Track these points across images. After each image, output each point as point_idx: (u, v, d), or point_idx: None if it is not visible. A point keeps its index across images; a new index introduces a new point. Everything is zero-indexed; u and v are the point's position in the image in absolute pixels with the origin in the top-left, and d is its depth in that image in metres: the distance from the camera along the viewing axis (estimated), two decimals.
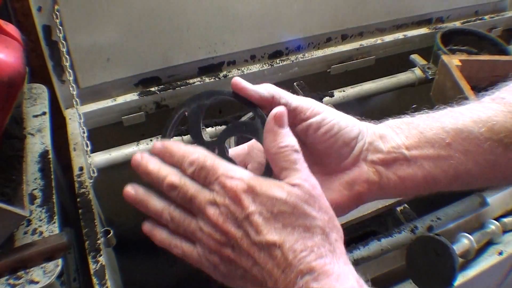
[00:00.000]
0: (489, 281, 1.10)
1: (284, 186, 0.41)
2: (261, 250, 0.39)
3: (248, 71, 1.35)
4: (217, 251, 0.43)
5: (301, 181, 0.41)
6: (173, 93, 1.27)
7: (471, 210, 1.00)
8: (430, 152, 0.43)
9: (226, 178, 0.42)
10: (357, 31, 1.49)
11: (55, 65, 1.12)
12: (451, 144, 0.43)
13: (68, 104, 1.18)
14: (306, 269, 0.38)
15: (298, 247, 0.38)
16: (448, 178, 0.44)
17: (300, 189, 0.40)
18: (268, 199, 0.39)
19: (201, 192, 0.43)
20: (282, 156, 0.42)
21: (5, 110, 0.77)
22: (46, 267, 0.71)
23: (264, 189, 0.40)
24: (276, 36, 1.35)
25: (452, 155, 0.43)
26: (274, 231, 0.39)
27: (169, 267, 1.53)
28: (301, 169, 0.42)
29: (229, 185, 0.41)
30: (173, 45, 1.22)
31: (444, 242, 0.83)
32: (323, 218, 0.40)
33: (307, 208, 0.40)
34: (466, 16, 1.66)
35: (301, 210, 0.39)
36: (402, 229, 0.94)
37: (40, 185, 0.86)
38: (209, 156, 0.44)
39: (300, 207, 0.39)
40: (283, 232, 0.38)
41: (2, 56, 0.71)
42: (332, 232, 0.41)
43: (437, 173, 0.44)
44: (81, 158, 1.03)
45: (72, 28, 1.06)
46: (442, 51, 1.35)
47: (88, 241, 0.84)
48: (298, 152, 0.42)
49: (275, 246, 0.38)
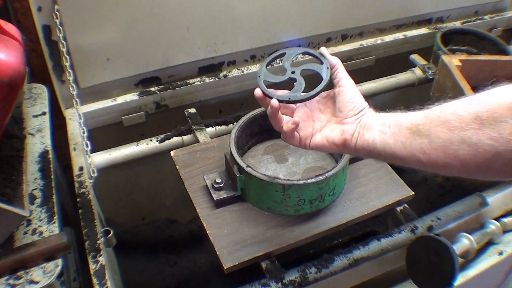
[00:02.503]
0: (489, 281, 1.10)
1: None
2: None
3: (248, 71, 1.35)
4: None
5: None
6: (173, 93, 1.28)
7: (471, 210, 1.00)
8: (382, 128, 0.67)
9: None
10: (357, 31, 1.49)
11: (55, 65, 1.12)
12: (390, 127, 0.66)
13: (68, 104, 1.18)
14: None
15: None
16: (382, 148, 0.66)
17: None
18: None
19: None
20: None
21: (5, 110, 0.77)
22: (46, 267, 0.71)
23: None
24: (276, 36, 1.35)
25: (388, 133, 0.66)
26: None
27: (169, 267, 1.53)
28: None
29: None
30: (173, 45, 1.22)
31: (444, 242, 0.83)
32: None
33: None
34: (466, 16, 1.66)
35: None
36: (402, 229, 0.94)
37: (40, 185, 0.86)
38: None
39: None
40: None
41: (2, 56, 0.71)
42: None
43: (379, 141, 0.67)
44: (81, 158, 1.03)
45: (72, 28, 1.06)
46: (442, 51, 1.35)
47: (88, 241, 0.84)
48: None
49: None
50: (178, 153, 1.06)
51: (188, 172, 1.01)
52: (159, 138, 1.14)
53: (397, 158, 0.65)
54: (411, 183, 1.03)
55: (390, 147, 0.65)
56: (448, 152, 0.58)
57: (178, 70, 1.29)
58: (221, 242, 0.87)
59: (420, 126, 0.62)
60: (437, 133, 0.59)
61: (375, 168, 1.04)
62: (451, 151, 0.58)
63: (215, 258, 0.86)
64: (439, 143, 0.59)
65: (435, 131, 0.59)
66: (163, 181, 1.46)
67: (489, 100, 0.56)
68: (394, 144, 0.64)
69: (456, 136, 0.57)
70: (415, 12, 1.54)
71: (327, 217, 0.93)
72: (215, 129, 1.18)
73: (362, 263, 0.88)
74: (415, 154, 0.62)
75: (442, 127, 0.59)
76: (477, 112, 0.56)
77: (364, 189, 0.99)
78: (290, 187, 0.88)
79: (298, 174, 1.02)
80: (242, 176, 0.91)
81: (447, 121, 0.58)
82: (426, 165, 0.62)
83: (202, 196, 0.96)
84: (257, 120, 1.05)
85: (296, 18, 1.33)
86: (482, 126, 0.55)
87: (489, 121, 0.54)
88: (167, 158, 1.07)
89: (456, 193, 1.66)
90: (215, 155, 1.05)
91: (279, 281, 0.83)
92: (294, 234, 0.90)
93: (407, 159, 0.64)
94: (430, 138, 0.60)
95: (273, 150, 1.08)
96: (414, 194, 0.99)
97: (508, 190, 1.05)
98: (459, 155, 0.57)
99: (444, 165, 0.60)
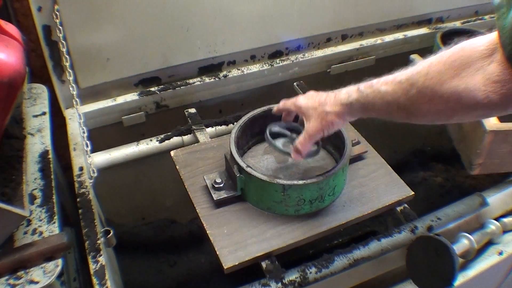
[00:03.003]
0: (489, 281, 1.10)
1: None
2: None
3: (248, 71, 1.35)
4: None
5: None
6: (173, 93, 1.28)
7: (471, 210, 1.00)
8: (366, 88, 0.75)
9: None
10: (357, 31, 1.49)
11: (55, 65, 1.12)
12: (372, 85, 0.73)
13: (68, 104, 1.18)
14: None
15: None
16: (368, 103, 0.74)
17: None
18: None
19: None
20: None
21: (5, 110, 0.77)
22: (46, 267, 0.71)
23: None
24: (276, 36, 1.35)
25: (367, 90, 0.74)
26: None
27: (169, 267, 1.53)
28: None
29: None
30: (173, 45, 1.22)
31: (444, 242, 0.83)
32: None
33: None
34: (466, 16, 1.66)
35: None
36: (402, 229, 0.94)
37: (40, 185, 0.86)
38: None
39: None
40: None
41: (2, 56, 0.71)
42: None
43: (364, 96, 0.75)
44: (81, 158, 1.03)
45: (72, 28, 1.06)
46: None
47: (88, 241, 0.84)
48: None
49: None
50: (178, 153, 1.06)
51: (188, 172, 1.01)
52: (159, 138, 1.14)
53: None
54: (411, 183, 1.03)
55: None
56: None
57: (178, 70, 1.29)
58: (221, 242, 0.87)
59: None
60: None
61: (375, 168, 1.04)
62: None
63: (215, 258, 0.86)
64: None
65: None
66: (163, 181, 1.46)
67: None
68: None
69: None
70: (415, 12, 1.54)
71: (327, 217, 0.93)
72: (215, 129, 1.18)
73: (362, 263, 0.88)
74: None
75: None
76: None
77: (364, 189, 0.99)
78: (290, 187, 0.88)
79: (298, 174, 1.02)
80: (242, 176, 0.91)
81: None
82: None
83: (202, 196, 0.96)
84: (257, 120, 1.05)
85: (296, 18, 1.33)
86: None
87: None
88: (167, 158, 1.07)
89: (456, 193, 1.67)
90: (215, 155, 1.05)
91: (279, 281, 0.83)
92: (294, 234, 0.90)
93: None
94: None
95: (273, 150, 1.08)
96: (414, 194, 0.99)
97: (508, 190, 1.05)
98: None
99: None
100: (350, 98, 0.76)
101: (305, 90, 1.28)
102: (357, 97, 0.75)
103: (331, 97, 0.81)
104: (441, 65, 0.61)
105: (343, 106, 0.78)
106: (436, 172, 1.80)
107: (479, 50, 0.58)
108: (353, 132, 1.12)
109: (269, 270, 0.85)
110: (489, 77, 0.56)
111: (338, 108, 0.79)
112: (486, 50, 0.57)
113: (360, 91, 0.75)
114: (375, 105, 0.72)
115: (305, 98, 0.86)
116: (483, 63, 0.57)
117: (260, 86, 1.40)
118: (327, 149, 1.09)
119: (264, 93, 1.42)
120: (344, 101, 0.77)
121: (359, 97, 0.75)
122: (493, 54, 0.56)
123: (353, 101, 0.76)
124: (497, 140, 1.05)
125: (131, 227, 1.57)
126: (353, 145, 1.04)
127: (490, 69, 0.56)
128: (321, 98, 0.82)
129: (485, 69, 0.57)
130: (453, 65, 0.60)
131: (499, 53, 0.55)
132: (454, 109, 0.62)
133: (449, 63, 0.60)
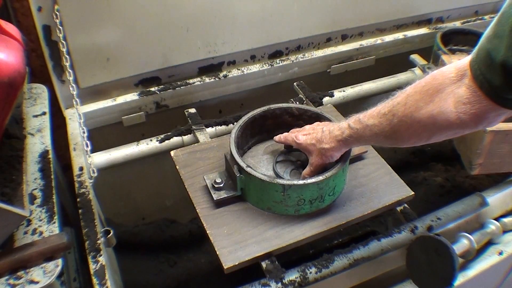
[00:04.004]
0: (489, 281, 1.10)
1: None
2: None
3: (248, 71, 1.35)
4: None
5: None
6: (173, 93, 1.28)
7: (471, 210, 1.00)
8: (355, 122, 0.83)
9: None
10: (357, 31, 1.49)
11: (55, 65, 1.12)
12: (360, 120, 0.81)
13: (68, 104, 1.18)
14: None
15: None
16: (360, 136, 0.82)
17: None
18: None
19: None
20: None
21: (5, 110, 0.77)
22: (46, 267, 0.71)
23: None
24: (276, 36, 1.35)
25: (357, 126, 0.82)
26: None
27: (169, 267, 1.53)
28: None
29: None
30: (173, 45, 1.22)
31: (444, 242, 0.83)
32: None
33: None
34: (466, 16, 1.66)
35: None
36: (402, 229, 0.94)
37: (40, 185, 0.86)
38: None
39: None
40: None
41: (2, 56, 0.71)
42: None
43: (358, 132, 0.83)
44: (81, 158, 1.03)
45: (72, 28, 1.06)
46: (442, 51, 1.35)
47: (88, 241, 0.84)
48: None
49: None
50: (178, 153, 1.06)
51: (188, 172, 1.01)
52: (159, 138, 1.14)
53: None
54: (411, 183, 1.03)
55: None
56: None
57: (178, 70, 1.29)
58: (221, 242, 0.87)
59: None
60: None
61: (375, 168, 1.04)
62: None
63: (215, 258, 0.86)
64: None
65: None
66: (163, 181, 1.46)
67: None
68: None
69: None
70: (415, 12, 1.54)
71: (327, 217, 0.93)
72: (215, 129, 1.18)
73: (362, 263, 0.88)
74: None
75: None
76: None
77: (364, 189, 0.99)
78: (290, 187, 0.88)
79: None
80: (242, 176, 0.91)
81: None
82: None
83: (202, 196, 0.96)
84: (257, 120, 1.05)
85: (296, 18, 1.33)
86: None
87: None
88: (167, 158, 1.07)
89: (456, 193, 1.66)
90: (215, 155, 1.05)
91: (279, 281, 0.83)
92: (294, 234, 0.90)
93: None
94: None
95: (273, 150, 1.08)
96: (414, 194, 0.99)
97: (508, 190, 1.05)
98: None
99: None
100: (344, 135, 0.85)
101: (305, 90, 1.28)
102: (349, 133, 0.84)
103: (326, 135, 0.89)
104: (417, 94, 0.69)
105: (339, 142, 0.87)
106: (436, 172, 1.80)
107: (449, 77, 0.65)
108: None
109: (269, 270, 0.85)
110: (459, 100, 0.62)
111: (334, 144, 0.88)
112: (455, 76, 0.64)
113: (351, 128, 0.83)
114: (365, 137, 0.81)
115: (303, 135, 0.95)
116: (453, 87, 0.64)
117: (260, 86, 1.41)
118: None
119: (264, 93, 1.42)
120: (339, 138, 0.86)
121: (351, 133, 0.83)
122: (462, 79, 0.63)
123: (346, 137, 0.85)
124: (497, 140, 1.05)
125: (131, 227, 1.57)
126: None
127: (460, 93, 0.62)
128: (318, 135, 0.91)
129: (455, 93, 0.63)
130: (427, 93, 0.67)
131: (467, 78, 0.62)
132: (432, 131, 0.68)
133: (424, 91, 0.68)
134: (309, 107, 1.12)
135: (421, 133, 0.70)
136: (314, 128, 0.96)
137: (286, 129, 1.10)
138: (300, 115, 1.07)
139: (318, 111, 1.06)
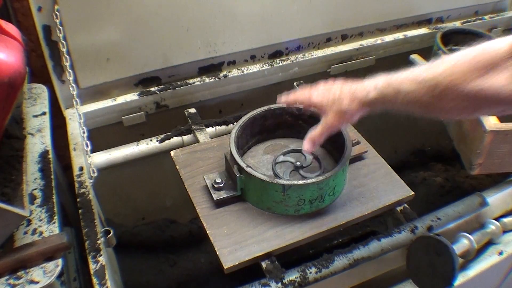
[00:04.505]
0: (489, 281, 1.10)
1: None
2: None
3: (248, 71, 1.35)
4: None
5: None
6: (173, 93, 1.28)
7: (471, 210, 1.00)
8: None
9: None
10: (357, 31, 1.49)
11: (55, 65, 1.12)
12: (391, 84, 0.75)
13: (68, 104, 1.18)
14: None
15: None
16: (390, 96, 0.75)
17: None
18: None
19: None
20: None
21: (5, 110, 0.77)
22: (46, 267, 0.71)
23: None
24: (276, 36, 1.35)
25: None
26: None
27: (169, 267, 1.53)
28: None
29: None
30: (173, 45, 1.22)
31: (444, 242, 0.83)
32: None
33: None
34: (466, 16, 1.66)
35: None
36: (402, 229, 0.94)
37: (40, 185, 0.86)
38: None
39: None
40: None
41: (2, 56, 0.71)
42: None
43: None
44: (81, 158, 1.03)
45: (72, 28, 1.06)
46: (442, 51, 1.35)
47: (88, 241, 0.84)
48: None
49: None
50: (178, 153, 1.06)
51: (188, 172, 1.01)
52: (159, 138, 1.14)
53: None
54: (411, 183, 1.03)
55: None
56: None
57: (178, 70, 1.29)
58: (221, 242, 0.87)
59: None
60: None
61: (375, 168, 1.04)
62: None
63: (215, 258, 0.86)
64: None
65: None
66: (163, 181, 1.46)
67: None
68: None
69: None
70: (415, 12, 1.54)
71: (327, 217, 0.93)
72: (215, 129, 1.18)
73: (362, 263, 0.88)
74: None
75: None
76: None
77: (364, 189, 0.99)
78: (290, 187, 0.88)
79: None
80: (242, 176, 0.91)
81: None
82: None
83: (202, 196, 0.96)
84: (257, 120, 1.05)
85: (296, 18, 1.33)
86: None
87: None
88: (167, 158, 1.07)
89: (456, 193, 1.67)
90: (215, 155, 1.05)
91: (279, 281, 0.83)
92: (294, 234, 0.90)
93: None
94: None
95: (273, 150, 1.08)
96: (414, 194, 0.99)
97: (508, 190, 1.05)
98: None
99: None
100: (369, 96, 0.76)
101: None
102: (375, 96, 0.76)
103: (346, 94, 0.80)
104: (466, 65, 0.65)
105: (361, 104, 0.78)
106: (436, 172, 1.80)
107: (501, 52, 0.62)
108: (353, 132, 1.11)
109: (269, 270, 0.85)
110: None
111: (356, 106, 0.79)
112: (509, 51, 0.62)
113: (378, 90, 0.75)
114: (395, 104, 0.74)
115: (319, 94, 0.85)
116: (508, 63, 0.61)
117: (260, 86, 1.41)
118: (327, 149, 1.09)
119: (264, 93, 1.42)
120: (363, 99, 0.78)
121: (378, 96, 0.75)
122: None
123: (372, 99, 0.76)
124: (497, 140, 1.05)
125: (131, 227, 1.57)
126: (353, 145, 1.04)
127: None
128: (336, 92, 0.82)
129: (509, 69, 0.61)
130: (477, 66, 0.63)
131: None
132: (479, 105, 0.65)
133: (473, 64, 0.64)
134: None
135: (466, 106, 0.66)
136: (331, 86, 0.85)
137: (286, 129, 1.11)
138: (300, 115, 1.07)
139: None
